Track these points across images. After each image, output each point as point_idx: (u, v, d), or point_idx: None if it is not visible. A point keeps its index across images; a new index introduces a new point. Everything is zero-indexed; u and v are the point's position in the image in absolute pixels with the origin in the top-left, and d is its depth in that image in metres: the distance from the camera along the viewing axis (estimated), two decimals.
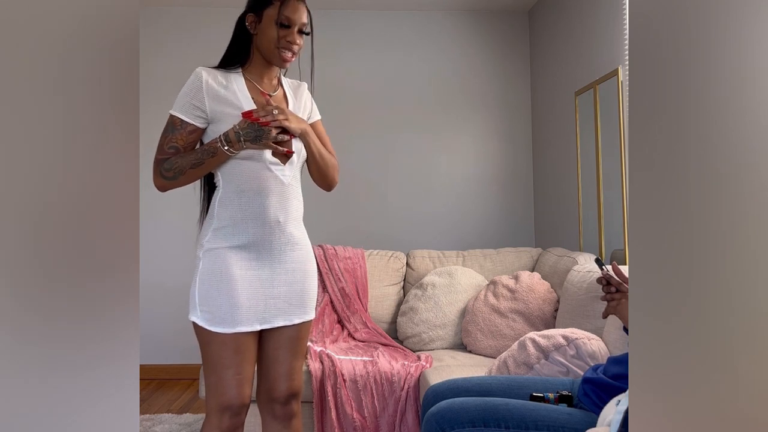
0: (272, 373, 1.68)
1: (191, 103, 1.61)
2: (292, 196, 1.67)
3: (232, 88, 1.64)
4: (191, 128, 1.62)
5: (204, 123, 1.63)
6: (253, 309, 1.61)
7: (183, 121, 1.62)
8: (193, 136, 1.64)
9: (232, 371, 1.57)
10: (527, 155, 4.05)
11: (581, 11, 3.18)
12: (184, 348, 3.88)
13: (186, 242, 3.93)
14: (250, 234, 1.62)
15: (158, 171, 1.64)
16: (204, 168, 1.61)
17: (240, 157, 1.61)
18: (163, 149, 1.64)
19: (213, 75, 1.64)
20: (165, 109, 3.96)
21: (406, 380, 2.44)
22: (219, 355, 1.58)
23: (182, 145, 1.63)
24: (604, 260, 2.85)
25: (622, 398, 1.23)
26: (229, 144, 1.57)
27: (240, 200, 1.62)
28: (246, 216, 1.62)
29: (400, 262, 3.22)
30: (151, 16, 3.98)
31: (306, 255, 1.72)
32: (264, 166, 1.62)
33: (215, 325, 1.57)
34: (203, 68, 1.64)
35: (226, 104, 1.62)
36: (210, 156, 1.59)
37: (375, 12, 4.03)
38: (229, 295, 1.58)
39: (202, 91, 1.61)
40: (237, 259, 1.61)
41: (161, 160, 1.64)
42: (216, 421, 1.59)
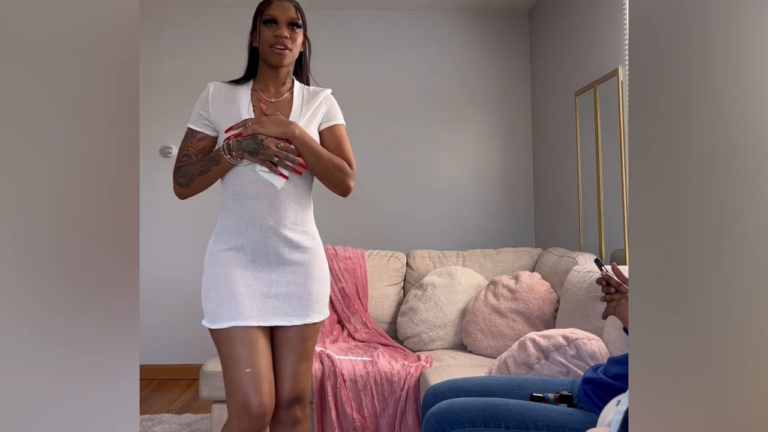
0: (277, 375, 1.69)
1: (199, 113, 1.72)
2: (288, 201, 1.67)
3: (236, 99, 1.73)
4: (200, 136, 1.72)
5: (212, 131, 1.73)
6: (249, 305, 1.63)
7: (193, 130, 1.72)
8: (203, 143, 1.72)
9: (242, 366, 1.57)
10: (527, 155, 4.05)
11: (581, 11, 3.18)
12: (184, 348, 3.89)
13: (186, 243, 3.93)
14: (245, 237, 1.67)
15: (175, 179, 1.72)
16: (210, 175, 1.68)
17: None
18: (180, 158, 1.73)
19: (221, 88, 1.75)
20: (165, 109, 3.97)
21: (406, 380, 2.44)
22: (227, 352, 1.60)
23: (193, 151, 1.71)
24: (604, 260, 2.85)
25: (622, 398, 1.23)
26: (230, 153, 1.64)
27: (235, 204, 1.68)
28: (241, 220, 1.67)
29: (400, 262, 3.22)
30: (151, 16, 3.98)
31: (311, 258, 1.72)
32: (254, 170, 1.66)
33: (216, 321, 1.62)
34: (213, 82, 1.75)
35: (228, 114, 1.70)
36: (214, 164, 1.67)
37: (375, 12, 4.03)
38: (227, 291, 1.63)
39: (208, 102, 1.71)
40: (235, 260, 1.66)
41: (177, 168, 1.72)
42: (235, 423, 1.57)
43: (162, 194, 3.91)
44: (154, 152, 3.95)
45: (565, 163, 3.46)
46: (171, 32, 3.99)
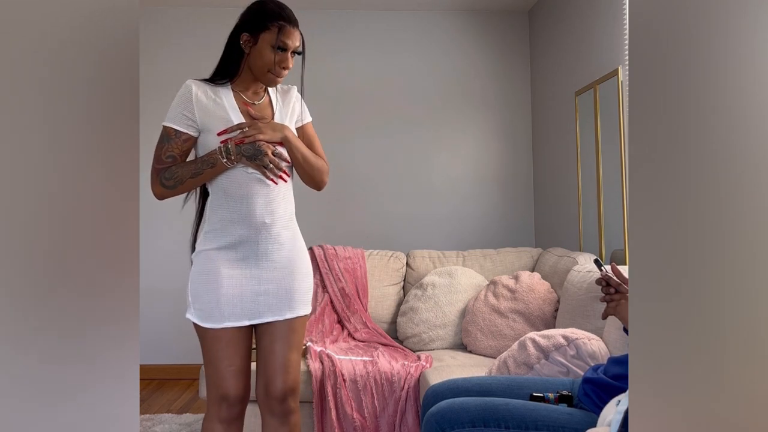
0: (269, 367, 1.74)
1: (183, 114, 1.69)
2: (279, 198, 1.74)
3: (220, 101, 1.73)
4: (185, 137, 1.70)
5: (196, 132, 1.72)
6: (240, 306, 1.70)
7: (177, 130, 1.70)
8: (188, 144, 1.72)
9: (225, 363, 1.68)
10: (527, 155, 4.05)
11: (581, 11, 3.18)
12: (184, 348, 3.88)
13: (185, 244, 3.91)
14: (237, 235, 1.70)
15: (158, 180, 1.71)
16: (203, 178, 1.69)
17: None
18: (161, 159, 1.71)
19: (202, 88, 1.73)
20: (165, 109, 3.95)
21: (406, 380, 2.44)
22: (212, 349, 1.69)
23: (178, 153, 1.71)
24: (604, 260, 2.85)
25: (622, 398, 1.23)
26: (228, 157, 1.65)
27: (228, 204, 1.71)
28: (233, 218, 1.70)
29: (400, 262, 3.22)
30: (151, 16, 3.98)
31: (295, 252, 1.78)
32: (250, 172, 1.70)
33: (205, 321, 1.69)
34: (192, 81, 1.73)
35: (215, 117, 1.71)
36: (209, 167, 1.67)
37: (375, 12, 4.03)
38: (216, 292, 1.68)
39: (192, 102, 1.69)
40: (225, 260, 1.70)
41: (160, 170, 1.71)
42: (215, 410, 1.70)
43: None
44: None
45: (565, 163, 3.46)
46: (171, 32, 3.99)
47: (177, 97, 1.71)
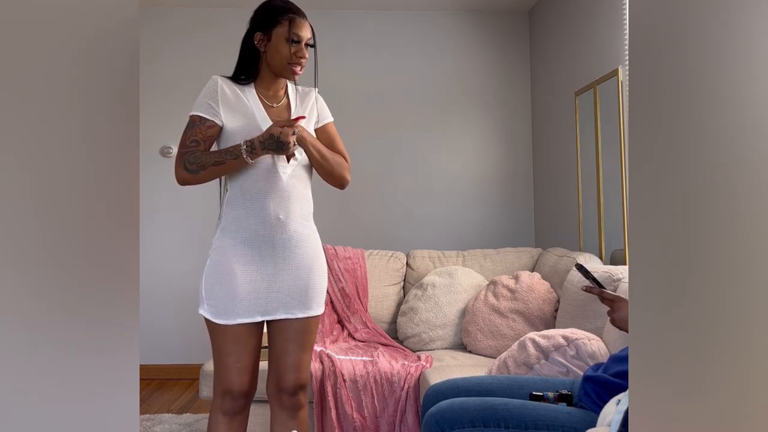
0: (281, 365, 1.79)
1: (208, 103, 1.74)
2: (295, 195, 1.77)
3: (244, 100, 1.77)
4: (210, 123, 1.73)
5: (220, 121, 1.74)
6: (254, 302, 1.73)
7: (202, 117, 1.74)
8: (212, 131, 1.74)
9: (232, 359, 1.73)
10: (527, 155, 4.05)
11: (581, 11, 3.18)
12: (184, 348, 3.89)
13: (186, 242, 3.93)
14: (252, 231, 1.73)
15: (181, 163, 1.72)
16: (224, 167, 1.70)
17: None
18: (186, 144, 1.74)
19: (228, 84, 1.78)
20: (165, 109, 3.97)
21: (406, 380, 2.44)
22: (222, 343, 1.73)
23: (202, 138, 1.73)
24: (604, 261, 2.85)
25: (622, 398, 1.24)
26: (251, 151, 1.67)
27: (244, 200, 1.73)
28: (249, 214, 1.73)
29: (400, 262, 3.22)
30: (151, 16, 3.98)
31: (313, 252, 1.81)
32: (265, 167, 1.73)
33: (218, 317, 1.72)
34: (219, 76, 1.78)
35: (239, 113, 1.75)
36: (232, 158, 1.69)
37: (375, 12, 4.03)
38: (229, 289, 1.71)
39: (217, 95, 1.74)
40: (240, 256, 1.73)
41: (184, 153, 1.73)
42: (219, 402, 1.76)
43: (162, 194, 3.91)
44: (154, 152, 3.95)
45: (565, 163, 3.46)
46: (171, 32, 3.99)
47: (204, 90, 1.76)
